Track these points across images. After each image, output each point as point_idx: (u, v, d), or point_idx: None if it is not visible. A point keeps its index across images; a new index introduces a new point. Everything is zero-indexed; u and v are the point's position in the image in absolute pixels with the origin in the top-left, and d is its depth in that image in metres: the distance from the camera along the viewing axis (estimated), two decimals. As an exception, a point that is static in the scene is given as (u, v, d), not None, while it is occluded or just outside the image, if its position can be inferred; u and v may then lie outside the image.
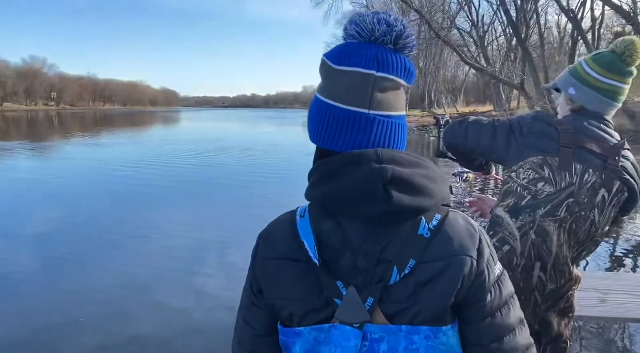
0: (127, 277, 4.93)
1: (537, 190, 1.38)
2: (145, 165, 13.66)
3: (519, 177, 1.40)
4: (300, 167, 14.44)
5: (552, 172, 1.37)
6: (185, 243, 6.15)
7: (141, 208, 8.39)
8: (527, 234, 1.39)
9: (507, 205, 1.41)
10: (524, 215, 1.39)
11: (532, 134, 1.39)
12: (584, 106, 1.45)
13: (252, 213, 7.85)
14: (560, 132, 1.38)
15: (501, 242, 1.41)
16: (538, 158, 1.38)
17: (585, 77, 1.44)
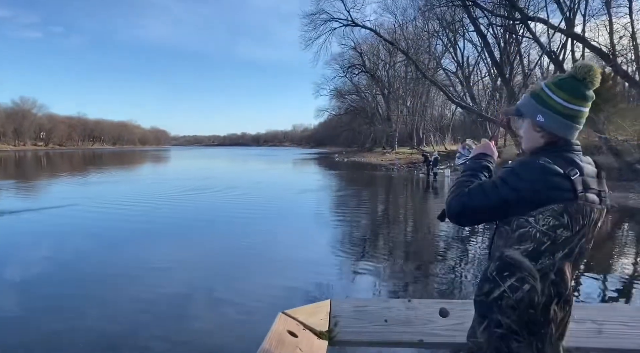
0: (113, 317, 4.81)
1: (557, 235, 1.40)
2: (132, 203, 13.59)
3: (538, 222, 1.40)
4: (288, 204, 14.43)
5: (570, 218, 1.40)
6: (172, 283, 6.04)
7: (126, 247, 8.26)
8: (547, 275, 1.42)
9: (526, 250, 1.42)
10: (544, 259, 1.42)
11: (549, 189, 1.39)
12: (553, 133, 1.50)
13: (241, 252, 7.80)
14: (574, 181, 1.41)
15: (521, 282, 1.42)
16: (559, 206, 1.39)
17: (552, 104, 1.50)
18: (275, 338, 1.94)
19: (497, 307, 1.45)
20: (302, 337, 2.06)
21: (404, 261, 7.38)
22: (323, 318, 2.26)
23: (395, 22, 48.88)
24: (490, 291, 1.48)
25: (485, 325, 1.49)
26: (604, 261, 7.48)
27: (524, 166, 1.44)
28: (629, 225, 11.10)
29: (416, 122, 56.35)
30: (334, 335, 2.15)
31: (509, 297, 1.43)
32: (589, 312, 2.08)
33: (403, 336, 2.09)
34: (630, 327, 1.95)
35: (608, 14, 23.97)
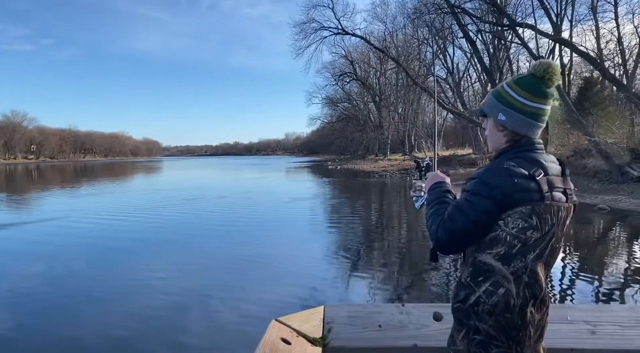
0: (108, 331, 4.75)
1: (527, 237, 1.41)
2: (123, 215, 13.49)
3: (507, 226, 1.41)
4: (282, 212, 14.39)
5: (539, 219, 1.41)
6: (166, 295, 5.98)
7: (119, 260, 8.18)
8: (520, 277, 1.42)
9: (498, 254, 1.43)
10: (516, 261, 1.42)
11: (517, 192, 1.39)
12: (515, 131, 1.52)
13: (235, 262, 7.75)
14: (539, 182, 1.42)
15: (495, 286, 1.43)
16: (527, 208, 1.40)
17: (513, 102, 1.51)
18: (268, 346, 1.92)
19: (474, 314, 1.46)
20: (296, 344, 2.04)
21: (398, 266, 7.37)
22: (317, 325, 2.24)
23: (385, 30, 49.39)
24: (466, 297, 1.48)
25: (464, 332, 1.49)
26: (597, 262, 7.52)
27: (489, 173, 1.44)
28: (621, 227, 11.18)
29: (408, 128, 56.66)
30: (327, 342, 2.13)
31: (484, 302, 1.43)
32: (582, 313, 2.09)
33: (397, 341, 2.08)
34: (624, 328, 1.96)
35: (594, 19, 24.37)
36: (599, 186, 16.86)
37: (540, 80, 1.49)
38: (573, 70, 31.28)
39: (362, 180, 29.30)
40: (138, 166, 69.98)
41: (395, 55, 45.05)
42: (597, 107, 22.41)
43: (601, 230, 10.95)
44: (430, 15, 31.28)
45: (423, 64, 46.22)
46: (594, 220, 11.90)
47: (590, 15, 24.76)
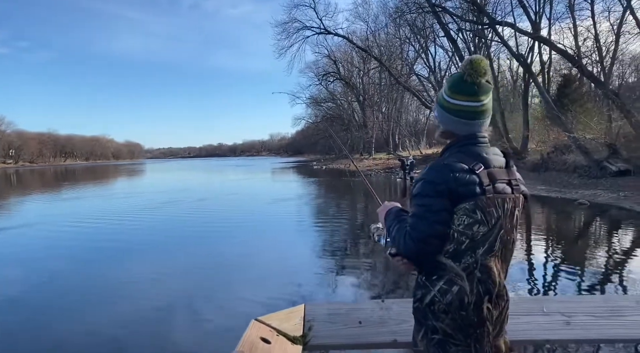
0: (94, 337, 4.68)
1: (474, 233, 1.41)
2: (105, 219, 13.31)
3: (454, 223, 1.41)
4: (267, 213, 14.35)
5: (483, 213, 1.41)
6: (149, 297, 5.92)
7: (101, 264, 8.06)
8: (472, 273, 1.42)
9: (447, 251, 1.43)
10: (466, 257, 1.42)
11: (460, 186, 1.40)
12: (445, 128, 1.54)
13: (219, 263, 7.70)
14: (479, 175, 1.42)
15: (449, 284, 1.43)
16: (470, 204, 1.40)
17: (441, 100, 1.54)
18: (247, 346, 1.91)
19: (431, 313, 1.46)
20: (276, 343, 2.03)
21: (380, 264, 7.40)
22: (297, 323, 2.24)
23: (368, 30, 49.48)
24: (422, 297, 1.48)
25: (422, 332, 1.50)
26: (576, 255, 7.65)
27: (431, 172, 1.45)
28: (600, 221, 11.40)
29: (392, 127, 56.92)
30: (308, 340, 2.13)
31: (439, 301, 1.43)
32: (558, 305, 2.12)
33: (377, 337, 2.09)
34: (597, 318, 1.99)
35: (572, 17, 24.75)
36: (578, 181, 17.16)
37: (461, 76, 1.48)
38: (552, 68, 31.75)
39: (348, 180, 29.37)
40: (120, 169, 69.03)
41: (378, 55, 45.24)
42: (575, 103, 22.78)
43: (581, 224, 11.15)
44: (411, 15, 31.51)
45: (405, 63, 46.50)
46: (575, 214, 12.12)
47: (568, 14, 25.14)
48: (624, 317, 1.97)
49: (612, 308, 2.02)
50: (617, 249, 8.11)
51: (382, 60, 43.50)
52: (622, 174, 16.05)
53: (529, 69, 24.99)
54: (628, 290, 5.69)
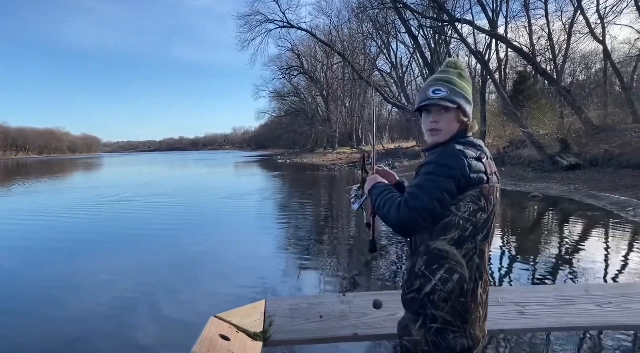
0: (53, 333, 4.54)
1: (477, 219, 1.46)
2: (59, 215, 12.80)
3: (459, 210, 1.44)
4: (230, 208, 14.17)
5: (486, 200, 1.46)
6: (107, 294, 5.74)
7: (56, 261, 7.75)
8: (471, 259, 1.46)
9: (452, 239, 1.45)
10: (467, 243, 1.46)
11: (472, 172, 1.44)
12: (469, 119, 1.60)
13: (179, 259, 7.55)
14: (485, 164, 1.48)
15: (450, 272, 1.45)
16: (477, 191, 1.44)
17: (469, 93, 1.61)
18: (206, 343, 1.87)
19: (430, 302, 1.47)
20: (235, 339, 2.00)
21: (342, 257, 7.46)
22: (257, 319, 2.21)
23: (330, 24, 49.55)
24: (421, 287, 1.49)
25: (420, 322, 1.50)
26: (530, 247, 7.95)
27: (446, 155, 1.47)
28: (552, 213, 11.89)
29: (355, 122, 57.33)
30: (268, 336, 2.11)
31: (441, 289, 1.45)
32: (511, 295, 2.18)
33: (337, 331, 2.09)
34: (549, 307, 2.06)
35: (527, 15, 25.63)
36: (532, 175, 17.83)
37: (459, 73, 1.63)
38: (508, 65, 32.79)
39: (311, 173, 29.41)
40: (76, 163, 66.38)
41: (340, 49, 45.38)
42: (530, 99, 23.62)
43: (535, 216, 11.60)
44: (373, 10, 31.73)
45: (368, 58, 46.86)
46: (528, 207, 12.59)
47: (524, 12, 26.03)
48: (574, 306, 2.05)
49: (563, 297, 2.10)
50: (568, 240, 8.49)
51: (345, 54, 43.66)
52: (572, 167, 16.79)
53: (486, 66, 25.69)
54: (578, 280, 5.97)
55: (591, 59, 33.30)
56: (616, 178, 14.16)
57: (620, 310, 2.02)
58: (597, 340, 3.80)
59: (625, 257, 7.05)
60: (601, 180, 14.38)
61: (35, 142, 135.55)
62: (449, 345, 1.46)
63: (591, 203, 11.91)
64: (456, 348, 1.47)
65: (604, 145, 16.92)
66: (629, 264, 6.62)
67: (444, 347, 1.46)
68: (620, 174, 14.49)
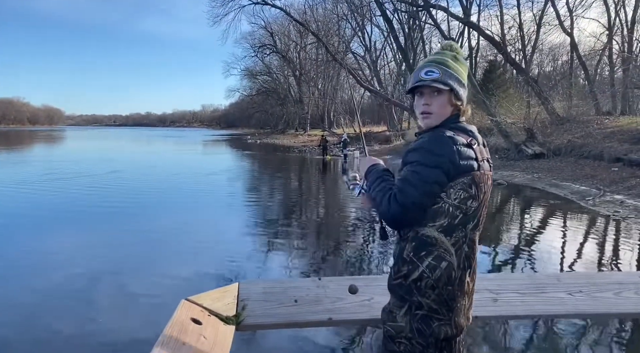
0: (11, 310, 4.38)
1: (467, 207, 1.43)
2: (17, 189, 12.27)
3: (449, 197, 1.41)
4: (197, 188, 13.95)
5: (477, 188, 1.43)
6: (70, 275, 5.52)
7: (14, 238, 7.44)
8: (461, 248, 1.44)
9: (441, 226, 1.42)
10: (457, 231, 1.43)
11: (462, 159, 1.41)
12: (462, 104, 1.55)
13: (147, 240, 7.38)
14: (475, 150, 1.45)
15: (438, 260, 1.43)
16: (467, 178, 1.41)
17: (464, 76, 1.56)
18: (177, 327, 1.80)
19: (417, 289, 1.45)
20: (207, 323, 1.94)
21: (317, 240, 7.46)
22: (230, 303, 2.15)
23: (305, 3, 48.65)
24: (409, 273, 1.46)
25: (406, 308, 1.48)
26: (499, 234, 8.15)
27: (434, 142, 1.42)
28: (516, 200, 12.24)
29: (327, 104, 57.13)
30: (241, 319, 2.06)
31: (428, 277, 1.42)
32: (485, 283, 2.20)
33: (312, 315, 2.06)
34: (522, 294, 2.09)
35: (499, 5, 25.91)
36: (498, 162, 18.26)
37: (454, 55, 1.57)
38: (480, 53, 33.25)
39: (282, 155, 29.25)
40: (37, 135, 63.75)
41: (315, 30, 44.78)
42: (499, 88, 24.07)
43: (500, 203, 11.91)
44: (350, -9, 31.38)
45: (342, 40, 46.51)
46: (493, 194, 12.91)
47: (496, 1, 26.33)
48: (546, 294, 2.08)
49: (536, 285, 2.13)
50: (533, 228, 8.78)
51: (320, 35, 43.15)
52: (537, 156, 17.28)
53: (459, 53, 25.89)
54: (550, 267, 6.15)
55: (558, 51, 34.22)
56: (577, 168, 14.67)
57: (590, 298, 2.07)
58: (568, 328, 3.92)
59: (582, 244, 7.34)
60: (563, 170, 14.88)
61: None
62: (433, 332, 1.45)
63: (553, 191, 12.32)
64: (440, 335, 1.45)
65: (567, 136, 17.47)
66: (591, 253, 6.90)
67: (428, 334, 1.45)
68: (581, 164, 15.01)
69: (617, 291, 2.12)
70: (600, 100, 21.02)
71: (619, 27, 23.66)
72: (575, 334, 3.86)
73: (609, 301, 2.08)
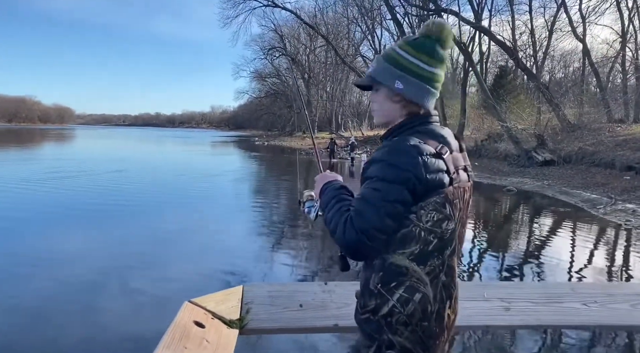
0: (17, 310, 4.36)
1: (443, 230, 1.21)
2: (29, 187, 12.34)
3: (420, 220, 1.18)
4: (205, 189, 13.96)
5: (451, 207, 1.21)
6: (77, 274, 5.53)
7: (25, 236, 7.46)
8: (437, 277, 1.22)
9: (412, 253, 1.19)
10: (432, 259, 1.21)
11: (430, 173, 1.17)
12: (413, 101, 1.29)
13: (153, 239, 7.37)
14: (446, 161, 1.21)
15: (411, 291, 1.20)
16: (441, 196, 1.19)
17: (409, 66, 1.27)
18: (179, 330, 1.76)
19: (387, 326, 1.22)
20: (210, 326, 1.89)
21: (322, 243, 7.41)
22: (234, 306, 2.11)
23: (316, 6, 48.92)
24: (377, 308, 1.23)
25: (374, 348, 1.26)
26: (504, 241, 8.04)
27: (395, 153, 1.19)
28: (526, 207, 12.10)
29: (335, 107, 57.13)
30: (245, 323, 2.01)
31: (400, 312, 1.20)
32: (497, 291, 2.14)
33: (318, 321, 2.00)
34: (535, 304, 2.02)
35: (511, 10, 25.79)
36: (508, 169, 18.12)
37: (437, 41, 1.28)
38: (490, 59, 33.07)
39: (289, 157, 29.23)
40: (48, 134, 64.32)
41: (325, 33, 44.90)
42: (510, 94, 23.93)
43: (510, 211, 11.79)
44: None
45: (352, 43, 46.55)
46: (502, 200, 12.78)
47: (508, 7, 26.20)
48: (560, 303, 2.02)
49: (549, 294, 2.06)
50: (543, 236, 8.66)
51: (329, 38, 43.24)
52: (547, 163, 17.12)
53: (469, 58, 25.81)
54: (568, 276, 6.01)
55: (570, 57, 33.93)
56: (588, 176, 14.49)
57: (606, 309, 1.99)
58: (582, 339, 3.82)
59: (593, 254, 7.22)
60: (574, 177, 14.71)
61: (5, 110, 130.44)
62: None
63: (564, 199, 12.17)
64: None
65: (578, 143, 17.29)
66: (603, 262, 6.78)
67: None
68: (592, 172, 14.84)
69: (634, 303, 2.05)
70: (613, 107, 20.79)
71: (632, 34, 23.43)
72: (587, 346, 3.76)
73: (625, 313, 2.00)
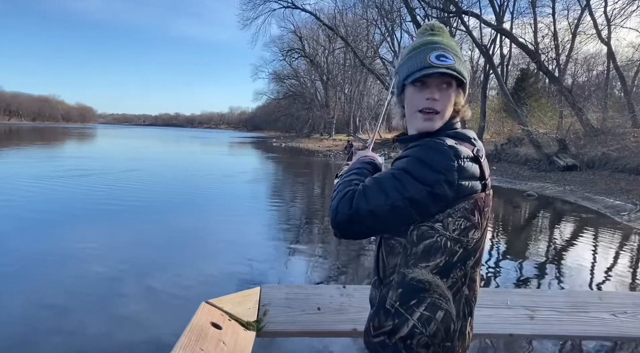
0: (40, 305, 4.45)
1: (469, 240, 1.10)
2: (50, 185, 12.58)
3: (447, 228, 1.08)
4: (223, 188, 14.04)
5: (480, 214, 1.11)
6: (98, 268, 5.61)
7: (45, 234, 7.60)
8: (460, 291, 1.12)
9: (437, 266, 1.08)
10: (455, 270, 1.10)
11: (463, 179, 1.06)
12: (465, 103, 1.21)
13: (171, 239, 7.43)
14: (482, 165, 1.12)
15: (433, 309, 1.09)
16: (470, 202, 1.09)
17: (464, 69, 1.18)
18: (196, 331, 1.75)
19: (406, 349, 1.10)
20: (227, 328, 1.88)
21: (340, 246, 7.37)
22: (251, 307, 2.09)
23: (335, 8, 48.89)
24: (395, 329, 1.11)
25: None
26: (526, 247, 7.89)
27: (431, 151, 1.06)
28: (547, 213, 11.87)
29: (353, 109, 57.04)
30: (262, 325, 1.99)
31: (421, 333, 1.08)
32: (521, 298, 2.08)
33: (336, 325, 1.97)
34: (560, 313, 1.96)
35: (533, 13, 25.39)
36: (529, 173, 17.81)
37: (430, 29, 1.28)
38: (511, 62, 32.61)
39: (307, 159, 29.27)
40: (70, 133, 65.62)
41: (344, 35, 44.87)
42: (531, 98, 23.57)
43: (530, 216, 11.57)
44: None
45: (371, 45, 46.41)
46: (523, 205, 12.56)
47: (530, 9, 25.80)
48: (587, 313, 1.95)
49: (575, 303, 2.00)
50: (565, 243, 8.47)
51: (348, 40, 43.20)
52: (569, 168, 16.78)
53: (490, 60, 25.48)
54: (589, 285, 5.87)
55: (594, 61, 33.23)
56: (612, 181, 14.15)
57: (636, 320, 1.92)
58: (608, 351, 3.71)
59: (616, 261, 7.03)
60: (597, 183, 14.38)
61: (29, 108, 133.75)
62: None
63: (586, 205, 11.90)
64: None
65: (601, 148, 16.91)
66: (628, 271, 6.60)
67: None
68: (616, 177, 14.49)
69: (666, 314, 1.96)
70: (638, 112, 20.28)
71: (659, 37, 22.84)
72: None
73: (657, 325, 1.93)
